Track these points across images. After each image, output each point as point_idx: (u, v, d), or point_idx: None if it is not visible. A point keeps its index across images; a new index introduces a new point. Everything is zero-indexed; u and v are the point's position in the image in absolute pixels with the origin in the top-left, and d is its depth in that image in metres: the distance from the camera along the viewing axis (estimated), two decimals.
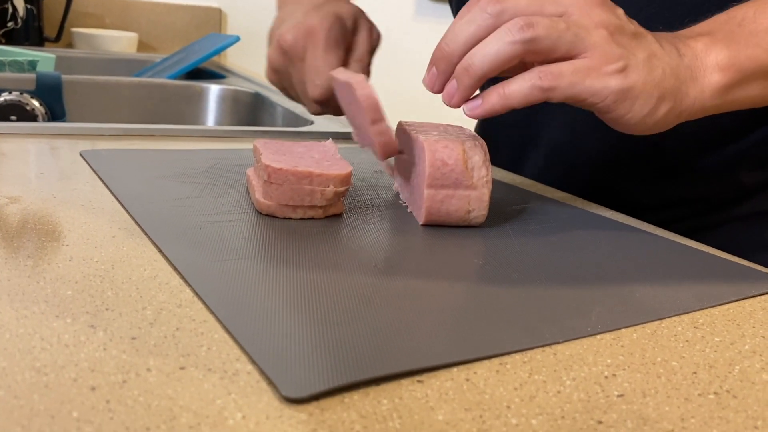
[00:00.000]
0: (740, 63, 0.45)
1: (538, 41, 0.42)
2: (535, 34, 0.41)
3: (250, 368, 0.28)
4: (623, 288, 0.41)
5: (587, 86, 0.42)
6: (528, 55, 0.43)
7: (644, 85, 0.43)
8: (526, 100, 0.43)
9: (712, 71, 0.45)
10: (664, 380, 0.31)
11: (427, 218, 0.48)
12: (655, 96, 0.44)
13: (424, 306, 0.35)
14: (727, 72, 0.45)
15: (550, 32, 0.42)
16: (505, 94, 0.43)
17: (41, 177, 0.53)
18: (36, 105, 0.97)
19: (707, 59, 0.45)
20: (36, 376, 0.26)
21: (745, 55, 0.45)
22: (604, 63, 0.42)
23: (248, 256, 0.40)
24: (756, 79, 0.46)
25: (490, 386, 0.29)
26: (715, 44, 0.46)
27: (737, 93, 0.46)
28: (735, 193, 0.65)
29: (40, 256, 0.38)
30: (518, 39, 0.41)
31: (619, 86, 0.43)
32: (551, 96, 0.43)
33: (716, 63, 0.45)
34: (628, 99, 0.43)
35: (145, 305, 0.33)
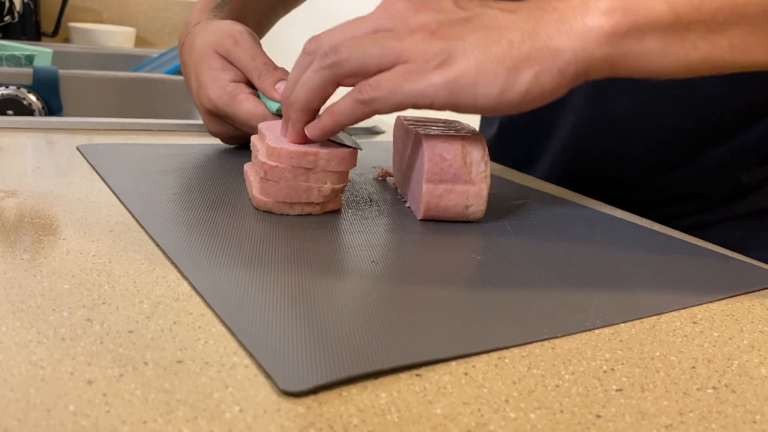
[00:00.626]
0: (627, 6, 0.40)
1: (342, 63, 0.42)
2: (337, 58, 0.42)
3: (248, 362, 0.28)
4: (622, 283, 0.40)
5: (407, 90, 0.41)
6: (342, 80, 0.44)
7: (480, 65, 0.41)
8: (353, 116, 0.43)
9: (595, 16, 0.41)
10: (663, 375, 0.31)
11: (426, 213, 0.48)
12: (503, 70, 0.41)
13: (422, 301, 0.35)
14: (612, 15, 0.40)
15: (352, 52, 0.42)
16: (332, 112, 0.44)
17: (38, 171, 0.52)
18: (33, 99, 0.97)
19: (588, 6, 0.41)
20: (32, 370, 0.26)
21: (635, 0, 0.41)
22: (422, 63, 0.41)
23: (245, 251, 0.40)
24: (653, 32, 0.41)
25: (489, 380, 0.29)
26: None
27: (630, 44, 0.41)
28: (735, 189, 0.65)
29: (36, 249, 0.38)
30: (324, 65, 0.43)
31: (443, 79, 0.41)
32: (376, 108, 0.42)
33: (598, 8, 0.41)
34: (465, 86, 0.41)
35: (142, 299, 0.33)
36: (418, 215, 0.49)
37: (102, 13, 1.65)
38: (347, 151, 0.46)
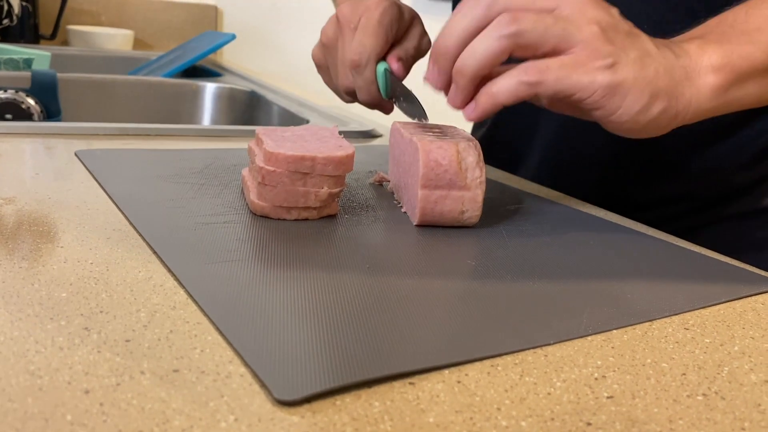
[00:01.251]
0: (734, 62, 0.45)
1: (523, 35, 0.42)
2: (520, 28, 0.42)
3: (243, 371, 0.29)
4: (614, 289, 0.41)
5: (574, 81, 0.42)
6: (517, 51, 0.43)
7: (635, 81, 0.43)
8: (514, 97, 0.43)
9: (707, 72, 0.45)
10: (654, 382, 0.31)
11: (421, 219, 0.48)
12: (647, 93, 0.44)
13: (417, 308, 0.36)
14: (721, 72, 0.45)
15: (536, 26, 0.42)
16: (492, 93, 0.43)
17: (36, 177, 0.53)
18: (31, 103, 0.97)
19: (701, 60, 0.45)
20: (30, 379, 0.27)
21: (737, 54, 0.45)
22: (592, 58, 0.42)
23: (242, 257, 0.40)
24: (752, 78, 0.45)
25: (481, 388, 0.29)
26: (708, 45, 0.46)
27: (734, 93, 0.46)
28: (725, 191, 0.66)
29: (34, 257, 0.38)
30: (504, 33, 0.42)
31: (607, 81, 0.43)
32: (538, 91, 0.43)
33: (710, 64, 0.45)
34: (618, 95, 0.43)
35: (139, 307, 0.33)
36: (413, 221, 0.49)
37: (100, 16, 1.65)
38: (344, 155, 0.47)
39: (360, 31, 0.58)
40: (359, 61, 0.57)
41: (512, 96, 0.43)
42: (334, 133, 0.51)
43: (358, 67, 0.58)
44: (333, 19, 0.61)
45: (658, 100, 0.44)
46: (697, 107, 0.45)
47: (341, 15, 0.59)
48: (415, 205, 0.48)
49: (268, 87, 1.15)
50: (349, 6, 0.60)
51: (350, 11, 0.59)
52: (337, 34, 0.61)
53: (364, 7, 0.59)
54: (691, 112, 0.46)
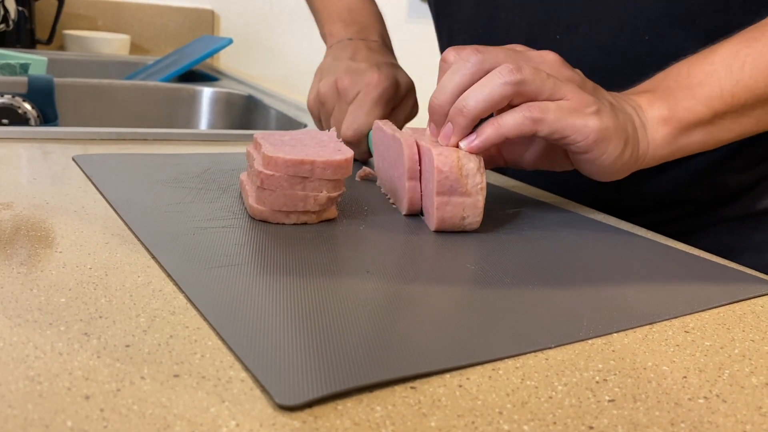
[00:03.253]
0: (679, 115, 0.50)
1: (526, 83, 0.46)
2: (523, 77, 0.46)
3: (244, 375, 0.28)
4: (615, 292, 0.41)
5: (570, 123, 0.46)
6: (516, 98, 0.47)
7: (615, 128, 0.47)
8: (518, 131, 0.46)
9: (658, 123, 0.50)
10: (655, 385, 0.31)
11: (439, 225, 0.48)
12: (623, 139, 0.48)
13: (417, 312, 0.36)
14: (668, 123, 0.50)
15: (535, 77, 0.46)
16: (499, 125, 0.47)
17: (33, 182, 0.53)
18: (28, 108, 0.97)
19: (650, 112, 0.50)
20: (30, 385, 0.26)
21: (682, 107, 0.50)
22: (582, 105, 0.47)
23: (242, 262, 0.40)
24: (695, 128, 0.50)
25: (483, 392, 0.29)
26: (656, 100, 0.50)
27: (682, 141, 0.50)
28: (721, 194, 0.66)
29: (33, 263, 0.38)
30: (509, 81, 0.46)
31: (597, 126, 0.47)
32: (539, 128, 0.46)
33: (659, 115, 0.50)
34: (605, 139, 0.47)
35: (139, 312, 0.33)
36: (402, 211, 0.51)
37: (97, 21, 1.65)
38: (342, 159, 0.47)
39: (357, 107, 0.63)
40: (353, 139, 0.63)
41: (517, 129, 0.46)
42: (332, 137, 0.51)
43: (351, 143, 0.63)
44: (332, 84, 0.65)
45: (628, 146, 0.49)
46: (653, 153, 0.51)
47: (341, 85, 0.64)
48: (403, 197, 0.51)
49: (265, 91, 1.15)
50: (350, 77, 0.64)
51: (350, 83, 0.64)
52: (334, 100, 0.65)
53: (364, 83, 0.63)
54: (648, 158, 0.51)
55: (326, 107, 0.66)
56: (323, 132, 0.53)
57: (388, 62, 0.68)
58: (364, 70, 0.64)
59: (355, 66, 0.65)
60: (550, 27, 0.63)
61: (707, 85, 0.50)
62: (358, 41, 0.71)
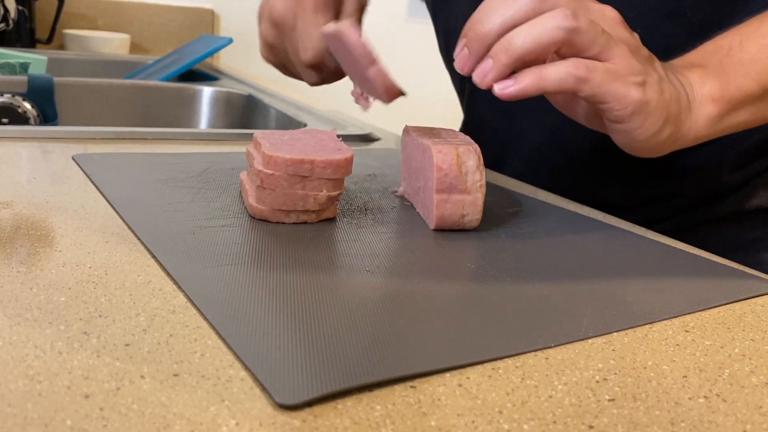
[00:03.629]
0: (731, 94, 0.47)
1: (579, 32, 0.43)
2: (579, 25, 0.42)
3: (244, 375, 0.28)
4: (614, 291, 0.41)
5: (614, 89, 0.43)
6: (565, 46, 0.43)
7: (657, 103, 0.45)
8: (559, 86, 0.43)
9: (706, 102, 0.47)
10: (655, 384, 0.31)
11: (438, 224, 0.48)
12: (663, 117, 0.45)
13: (417, 311, 0.36)
14: (718, 103, 0.47)
15: (590, 28, 0.43)
16: (541, 76, 0.43)
17: (33, 181, 0.52)
18: (28, 107, 0.97)
19: (702, 90, 0.47)
20: (30, 384, 0.26)
21: (734, 85, 0.47)
22: (628, 72, 0.44)
23: (241, 261, 0.40)
24: (744, 106, 0.48)
25: (483, 391, 0.29)
26: (708, 76, 0.47)
27: (728, 121, 0.48)
28: (713, 191, 0.66)
29: (32, 262, 0.38)
30: (564, 26, 0.42)
31: (639, 98, 0.44)
32: (582, 88, 0.43)
33: (710, 94, 0.47)
34: (643, 113, 0.45)
35: (139, 311, 0.33)
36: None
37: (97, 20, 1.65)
38: (342, 159, 0.47)
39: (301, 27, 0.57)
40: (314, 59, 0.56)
41: (559, 84, 0.43)
42: (332, 137, 0.51)
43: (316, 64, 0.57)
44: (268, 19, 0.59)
45: (668, 124, 0.46)
46: (695, 133, 0.48)
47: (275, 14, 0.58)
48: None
49: (265, 90, 1.15)
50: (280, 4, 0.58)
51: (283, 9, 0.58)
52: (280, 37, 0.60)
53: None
54: (689, 138, 0.48)
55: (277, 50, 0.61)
56: (323, 131, 0.53)
57: None
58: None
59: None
60: None
61: (760, 60, 0.47)
62: None
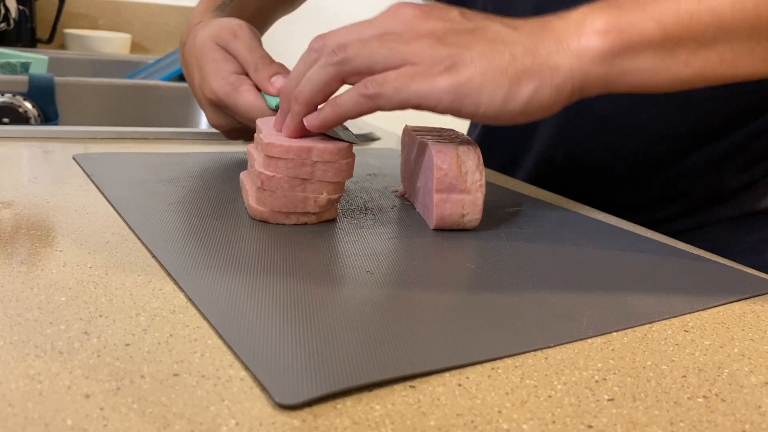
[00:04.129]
0: (621, 27, 0.42)
1: (349, 61, 0.43)
2: (346, 56, 0.43)
3: (244, 374, 0.29)
4: (614, 291, 0.41)
5: (414, 90, 0.42)
6: (348, 78, 0.44)
7: (484, 74, 0.42)
8: (356, 109, 0.44)
9: (590, 37, 0.42)
10: (654, 384, 0.31)
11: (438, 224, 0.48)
12: (506, 80, 0.42)
13: (417, 311, 0.36)
14: (606, 36, 0.42)
15: (360, 50, 0.43)
16: (336, 104, 0.45)
17: (34, 181, 0.53)
18: (29, 107, 0.97)
19: (583, 27, 0.43)
20: (30, 384, 0.27)
21: (626, 20, 0.42)
22: (429, 66, 0.42)
23: (241, 261, 0.40)
24: (645, 50, 0.42)
25: (482, 391, 0.29)
26: (592, 12, 0.43)
27: (626, 63, 0.43)
28: (717, 193, 0.66)
29: (33, 262, 0.38)
30: (331, 62, 0.44)
31: (449, 83, 0.42)
32: (380, 104, 0.43)
33: (593, 29, 0.42)
34: (469, 93, 0.42)
35: (139, 311, 0.33)
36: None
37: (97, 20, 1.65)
38: (344, 162, 0.46)
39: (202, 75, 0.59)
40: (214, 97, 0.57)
41: (356, 108, 0.44)
42: None
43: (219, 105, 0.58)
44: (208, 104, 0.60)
45: (523, 82, 0.42)
46: (583, 74, 0.43)
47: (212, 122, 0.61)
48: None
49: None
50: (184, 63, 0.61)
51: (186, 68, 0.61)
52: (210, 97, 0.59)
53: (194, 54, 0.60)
54: (578, 81, 0.43)
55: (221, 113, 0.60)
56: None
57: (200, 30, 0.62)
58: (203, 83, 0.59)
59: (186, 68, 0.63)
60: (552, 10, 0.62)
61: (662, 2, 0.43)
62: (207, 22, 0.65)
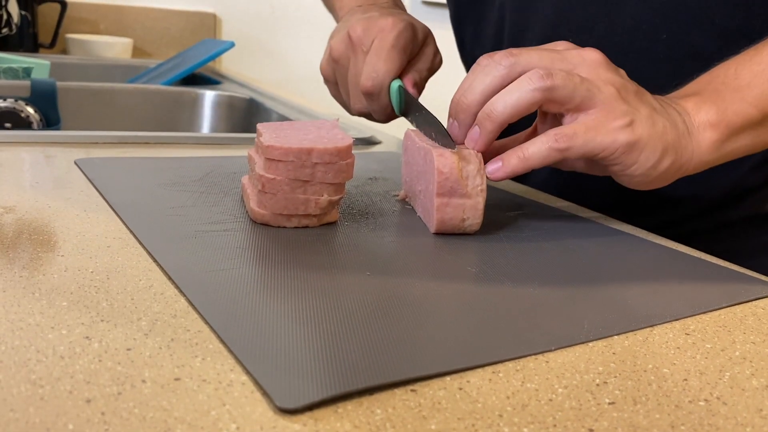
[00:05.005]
0: (728, 119, 0.48)
1: (556, 90, 0.45)
2: (554, 83, 0.45)
3: (245, 379, 0.29)
4: (615, 295, 0.41)
5: (598, 143, 0.45)
6: (546, 104, 0.46)
7: (649, 137, 0.46)
8: (544, 161, 0.46)
9: (705, 128, 0.48)
10: (655, 387, 0.31)
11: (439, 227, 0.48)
12: (660, 148, 0.46)
13: (417, 314, 0.36)
14: (717, 128, 0.48)
15: (566, 83, 0.45)
16: (524, 157, 0.46)
17: (36, 186, 0.53)
18: (31, 112, 0.97)
19: (698, 117, 0.48)
20: (32, 389, 0.27)
21: (732, 111, 0.48)
22: (612, 119, 0.46)
23: (243, 265, 0.40)
24: (744, 131, 0.49)
25: (483, 395, 0.29)
26: (704, 103, 0.49)
27: (729, 146, 0.49)
28: (733, 193, 0.66)
29: (35, 267, 0.38)
30: (539, 87, 0.45)
31: (626, 140, 0.45)
32: (567, 155, 0.46)
33: (707, 120, 0.48)
34: (635, 151, 0.46)
35: (140, 316, 0.33)
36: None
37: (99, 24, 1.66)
38: (344, 163, 0.47)
39: (373, 55, 0.58)
40: (373, 89, 0.58)
41: (543, 161, 0.46)
42: (334, 126, 0.52)
43: (372, 94, 0.59)
44: (345, 36, 0.60)
45: (668, 154, 0.47)
46: (699, 160, 0.48)
47: (354, 34, 0.59)
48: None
49: (266, 94, 1.15)
50: (362, 25, 0.59)
51: (363, 31, 0.59)
52: (348, 53, 0.61)
53: (378, 28, 0.59)
54: (693, 165, 0.49)
55: (341, 64, 0.61)
56: (325, 121, 0.53)
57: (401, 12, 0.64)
58: (376, 17, 0.60)
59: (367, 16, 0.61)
60: (562, 29, 0.63)
61: (756, 86, 0.48)
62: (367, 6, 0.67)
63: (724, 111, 0.48)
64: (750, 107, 0.48)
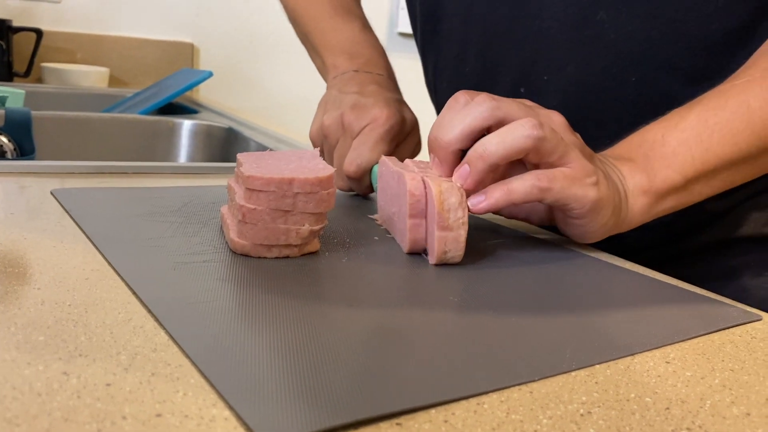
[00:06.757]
0: (657, 186, 0.52)
1: (545, 141, 0.47)
2: (544, 135, 0.47)
3: (227, 414, 0.28)
4: (596, 323, 0.41)
5: (573, 192, 0.49)
6: (531, 153, 0.48)
7: (607, 197, 0.50)
8: (526, 197, 0.48)
9: (638, 193, 0.53)
10: (638, 417, 0.31)
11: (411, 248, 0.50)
12: (610, 208, 0.51)
13: (400, 346, 0.36)
14: (647, 194, 0.53)
15: (553, 136, 0.48)
16: (509, 190, 0.48)
17: (10, 217, 0.52)
18: (5, 141, 0.96)
19: (632, 182, 0.53)
20: (7, 428, 0.26)
21: (660, 178, 0.52)
22: (584, 175, 0.49)
23: (223, 297, 0.40)
24: (669, 195, 0.53)
25: (468, 427, 0.29)
26: (636, 170, 0.53)
27: (657, 209, 0.53)
28: (697, 220, 0.67)
29: (10, 300, 0.37)
30: (532, 135, 0.47)
31: (595, 197, 0.49)
32: (546, 196, 0.48)
33: (640, 186, 0.52)
34: (597, 209, 0.50)
35: (120, 350, 0.33)
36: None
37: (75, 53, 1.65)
38: (325, 193, 0.47)
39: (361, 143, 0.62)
40: (356, 174, 0.62)
41: (525, 196, 0.48)
42: (315, 155, 0.52)
43: (354, 178, 0.62)
44: (338, 117, 0.64)
45: (613, 214, 0.51)
46: (630, 221, 0.53)
47: (346, 120, 0.63)
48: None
49: (245, 123, 1.15)
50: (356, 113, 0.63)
51: (356, 119, 0.63)
52: (338, 134, 0.64)
53: (371, 117, 0.63)
54: (625, 225, 0.53)
55: (329, 140, 0.65)
56: (306, 151, 0.53)
57: (396, 98, 0.67)
58: (371, 105, 0.63)
59: (362, 101, 0.64)
60: (539, 66, 0.65)
61: (680, 154, 0.52)
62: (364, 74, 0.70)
63: (653, 178, 0.52)
64: (675, 174, 0.52)
